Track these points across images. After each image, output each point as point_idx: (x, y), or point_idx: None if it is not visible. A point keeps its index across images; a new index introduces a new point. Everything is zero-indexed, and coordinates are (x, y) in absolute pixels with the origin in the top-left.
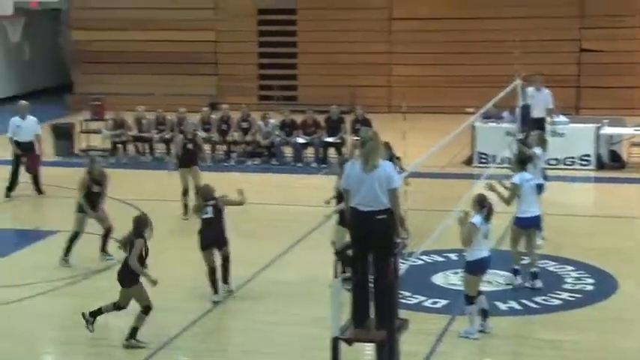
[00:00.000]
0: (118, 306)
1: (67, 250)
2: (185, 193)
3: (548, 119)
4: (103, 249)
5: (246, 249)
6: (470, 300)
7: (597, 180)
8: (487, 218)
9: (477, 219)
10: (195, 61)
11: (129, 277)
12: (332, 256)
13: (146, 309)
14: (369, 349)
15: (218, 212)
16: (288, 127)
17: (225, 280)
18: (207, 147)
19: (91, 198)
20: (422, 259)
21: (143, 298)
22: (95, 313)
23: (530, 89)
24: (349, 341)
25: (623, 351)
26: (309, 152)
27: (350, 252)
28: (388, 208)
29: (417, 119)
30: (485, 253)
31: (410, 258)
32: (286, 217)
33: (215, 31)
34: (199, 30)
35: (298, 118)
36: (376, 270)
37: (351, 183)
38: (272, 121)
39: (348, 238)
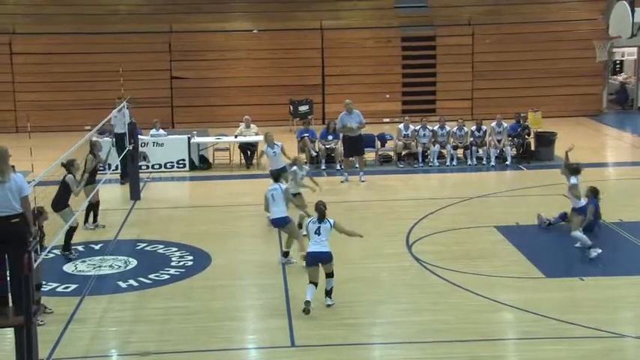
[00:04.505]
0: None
1: None
2: None
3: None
4: None
5: None
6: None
7: (191, 179)
8: (320, 220)
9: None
10: None
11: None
12: None
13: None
14: (10, 334)
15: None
16: None
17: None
18: None
19: None
20: (54, 253)
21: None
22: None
23: (114, 111)
24: None
25: (216, 310)
26: None
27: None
28: (21, 213)
29: (42, 137)
30: (313, 248)
31: (42, 252)
32: None
33: None
34: None
35: None
36: (12, 265)
37: None
38: None
39: None
